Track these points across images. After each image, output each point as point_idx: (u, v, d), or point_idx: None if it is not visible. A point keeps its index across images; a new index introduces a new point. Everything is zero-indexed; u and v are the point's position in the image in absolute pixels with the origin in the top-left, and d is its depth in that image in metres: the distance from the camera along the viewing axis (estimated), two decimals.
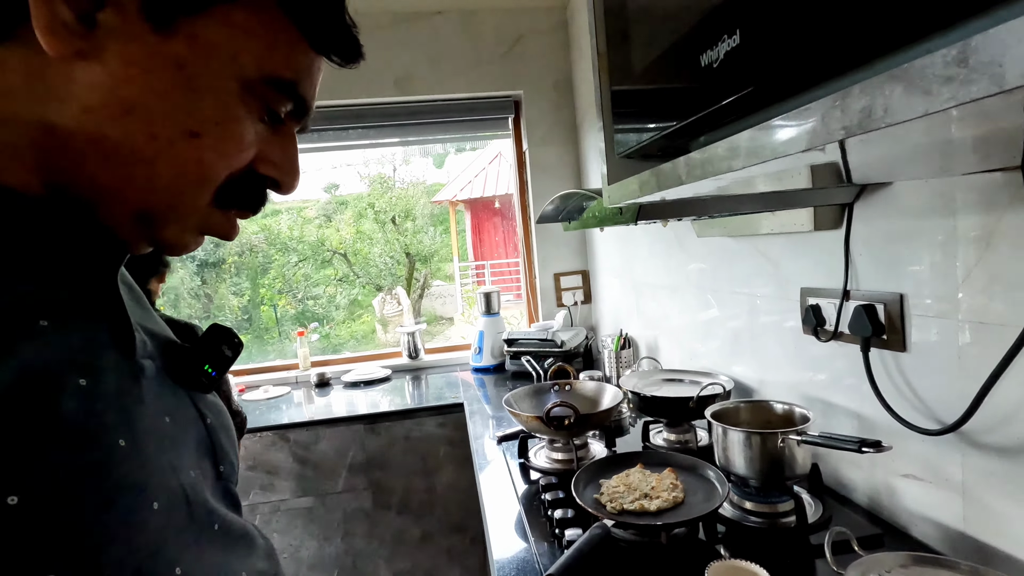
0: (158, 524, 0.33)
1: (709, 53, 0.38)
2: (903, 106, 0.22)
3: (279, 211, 8.88)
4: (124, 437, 0.33)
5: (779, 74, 0.33)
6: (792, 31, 0.31)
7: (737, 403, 1.10)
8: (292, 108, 0.39)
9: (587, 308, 2.66)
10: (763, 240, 1.21)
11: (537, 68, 2.54)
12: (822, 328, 1.03)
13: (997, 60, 0.18)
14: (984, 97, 0.19)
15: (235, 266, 8.34)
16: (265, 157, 0.39)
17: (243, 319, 8.12)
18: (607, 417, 1.26)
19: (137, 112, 0.33)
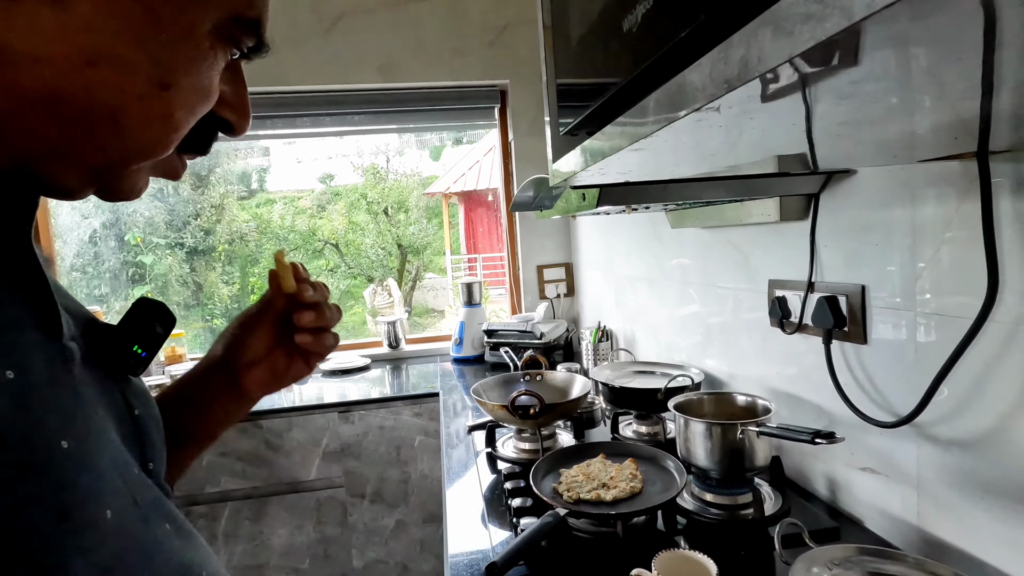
0: (115, 533, 0.30)
1: (629, 18, 0.37)
2: (772, 51, 0.21)
3: (273, 200, 8.82)
4: (66, 438, 0.29)
5: (688, 32, 0.31)
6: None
7: (701, 395, 1.09)
8: (254, 44, 0.37)
9: (569, 301, 2.64)
10: (734, 231, 1.20)
11: (523, 57, 2.51)
12: (788, 320, 1.02)
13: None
14: (836, 33, 0.17)
15: (225, 254, 8.30)
16: (224, 100, 0.37)
17: (233, 308, 8.08)
18: (574, 407, 1.25)
19: (103, 63, 0.29)
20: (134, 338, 0.40)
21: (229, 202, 7.74)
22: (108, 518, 0.30)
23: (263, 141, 8.57)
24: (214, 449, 1.89)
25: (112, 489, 0.32)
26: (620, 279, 1.98)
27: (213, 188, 7.57)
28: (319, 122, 2.52)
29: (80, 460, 0.29)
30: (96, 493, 0.30)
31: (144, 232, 6.47)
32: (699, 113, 0.29)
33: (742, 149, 0.58)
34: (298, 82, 2.37)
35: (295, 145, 10.15)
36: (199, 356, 2.52)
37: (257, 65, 1.57)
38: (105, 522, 0.30)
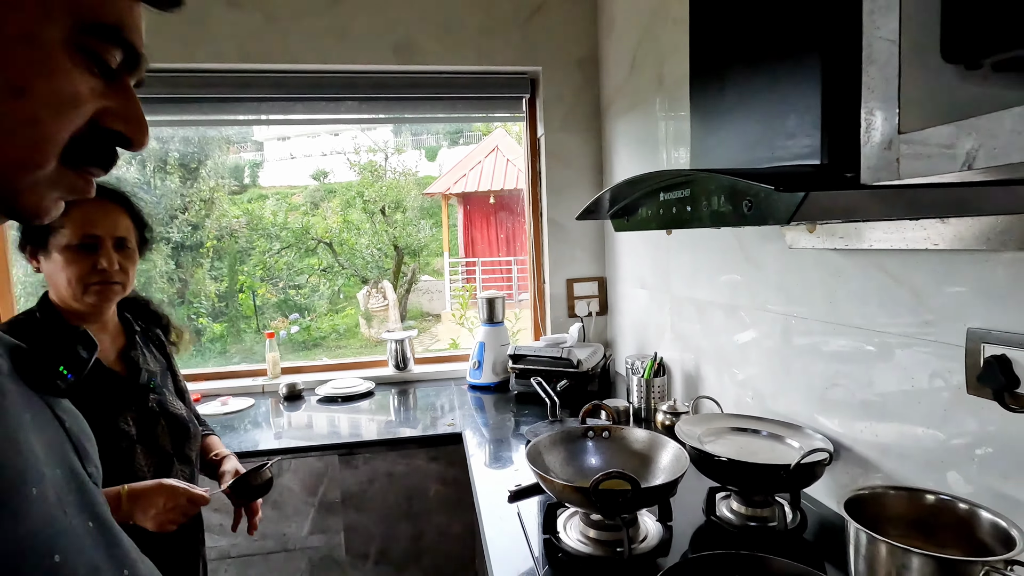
0: (36, 511, 0.34)
1: None
2: None
3: (265, 196, 8.47)
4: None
5: None
6: None
7: (879, 490, 0.77)
8: (123, 58, 0.37)
9: (602, 320, 2.33)
10: (895, 258, 0.89)
11: (558, 42, 2.20)
12: (1013, 391, 0.71)
13: None
14: None
15: (214, 250, 7.91)
16: (108, 112, 0.37)
17: (220, 306, 7.69)
18: (672, 490, 0.92)
19: None
20: (59, 359, 0.44)
21: (219, 196, 7.35)
22: (32, 496, 0.34)
23: (256, 135, 8.18)
24: None
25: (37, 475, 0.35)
26: (680, 301, 1.66)
27: (203, 181, 7.18)
28: (323, 107, 2.19)
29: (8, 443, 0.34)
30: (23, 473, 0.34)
31: None
32: None
33: None
34: (300, 61, 2.04)
35: (289, 141, 9.83)
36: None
37: (253, 39, 1.27)
38: (28, 500, 0.33)
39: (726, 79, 0.86)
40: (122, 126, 0.38)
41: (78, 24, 0.34)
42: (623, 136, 2.04)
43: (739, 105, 0.82)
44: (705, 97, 0.92)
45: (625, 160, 2.04)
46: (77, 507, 0.38)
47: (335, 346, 7.39)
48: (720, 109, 0.88)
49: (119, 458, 0.97)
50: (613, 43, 2.06)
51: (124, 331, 1.12)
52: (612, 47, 2.08)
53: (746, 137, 0.81)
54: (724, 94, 0.86)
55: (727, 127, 0.88)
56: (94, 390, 0.99)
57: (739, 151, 0.83)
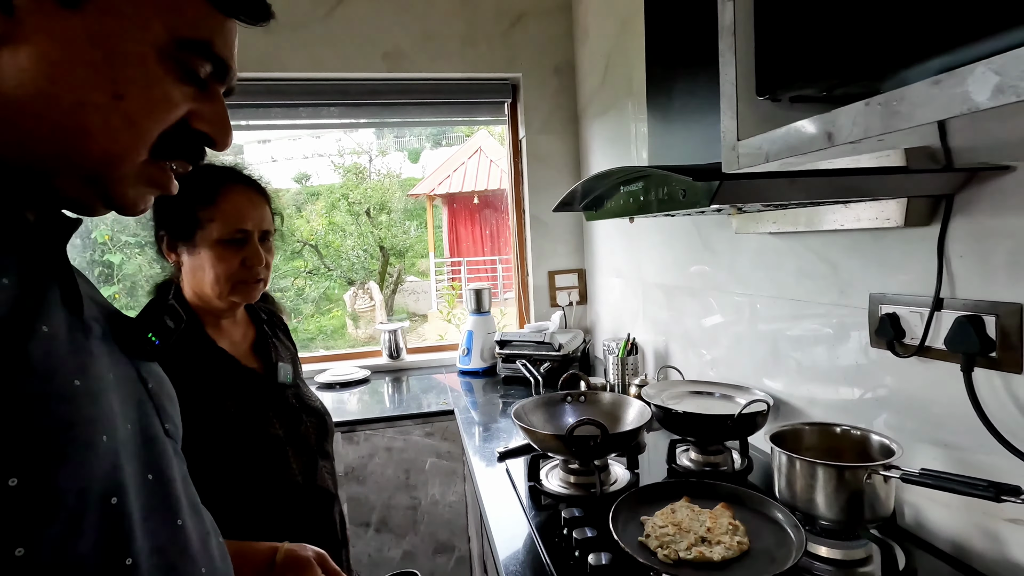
0: (102, 457, 0.36)
1: None
2: None
3: None
4: (79, 378, 0.37)
5: None
6: None
7: (798, 426, 0.95)
8: (212, 69, 0.42)
9: (582, 309, 2.49)
10: (818, 238, 1.06)
11: (537, 50, 2.36)
12: (901, 341, 0.88)
13: None
14: None
15: None
16: (197, 115, 0.42)
17: None
18: (635, 438, 1.09)
19: (62, 84, 0.36)
20: (149, 327, 0.47)
21: None
22: (104, 441, 0.37)
23: (236, 139, 8.26)
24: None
25: (111, 423, 0.38)
26: (649, 287, 1.83)
27: None
28: (318, 113, 2.33)
29: (88, 396, 0.37)
30: (96, 422, 0.37)
31: (112, 230, 6.10)
32: None
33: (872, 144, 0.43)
34: (296, 69, 2.18)
35: (270, 144, 9.82)
36: None
37: (249, 50, 1.42)
38: (100, 444, 0.36)
39: (673, 87, 1.03)
40: (207, 127, 0.43)
41: (174, 39, 0.39)
42: (598, 137, 2.21)
43: (684, 110, 0.99)
44: (658, 103, 1.09)
45: (600, 159, 2.21)
46: (141, 461, 0.41)
47: (323, 347, 7.45)
48: (670, 113, 1.04)
49: (273, 465, 0.91)
50: (587, 52, 2.23)
51: (252, 322, 1.06)
52: (587, 55, 2.25)
53: (694, 137, 0.97)
54: (672, 100, 1.03)
55: (678, 129, 1.05)
56: (239, 394, 0.93)
57: (692, 149, 0.99)
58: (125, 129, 0.38)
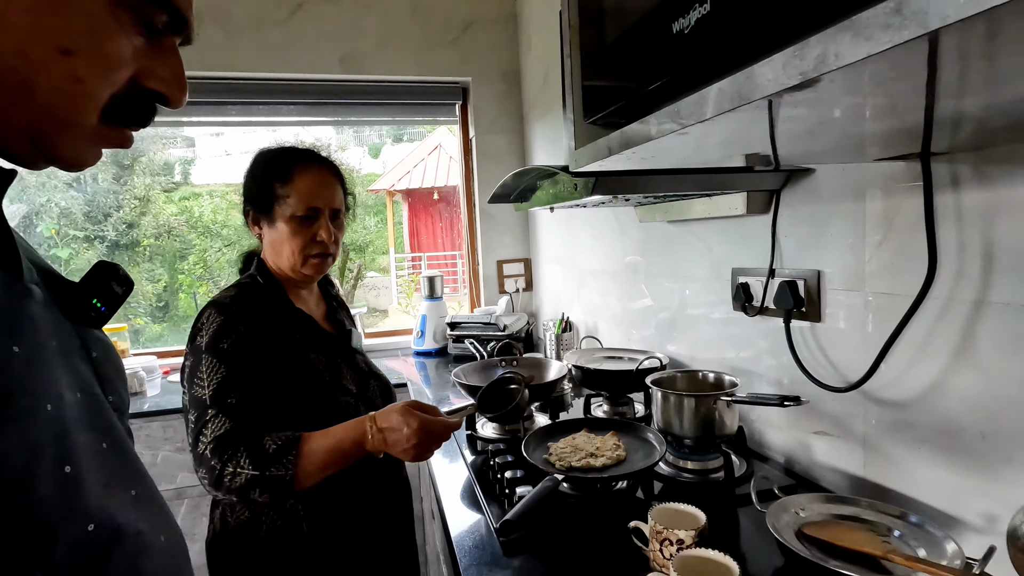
0: (49, 426, 0.35)
1: (681, 20, 0.44)
2: (851, 50, 0.28)
3: (199, 194, 8.35)
4: (17, 344, 0.35)
5: (744, 38, 0.38)
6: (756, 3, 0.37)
7: (674, 373, 1.19)
8: (168, 19, 0.39)
9: (528, 295, 2.72)
10: (699, 225, 1.31)
11: (486, 57, 2.57)
12: (750, 304, 1.14)
13: (923, 9, 0.24)
14: (914, 38, 0.24)
15: (150, 250, 7.77)
16: (149, 72, 0.39)
17: (158, 307, 7.59)
18: (553, 388, 1.32)
19: (4, 33, 0.33)
20: (94, 293, 0.44)
21: (155, 194, 7.26)
22: (47, 411, 0.35)
23: (187, 131, 8.09)
24: (171, 445, 1.82)
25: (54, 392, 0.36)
26: (583, 272, 2.07)
27: (138, 178, 7.07)
28: (277, 111, 2.47)
29: (28, 363, 0.35)
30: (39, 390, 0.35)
31: (59, 224, 5.95)
32: (757, 102, 0.36)
33: (737, 143, 0.67)
34: (256, 69, 2.31)
35: (223, 136, 9.62)
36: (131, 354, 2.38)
37: (212, 50, 1.57)
38: (43, 413, 0.35)
39: None
40: (161, 85, 0.39)
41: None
42: (540, 138, 2.43)
43: None
44: None
45: (543, 157, 2.43)
46: (93, 428, 0.40)
47: None
48: None
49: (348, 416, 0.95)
50: (531, 60, 2.45)
51: (323, 297, 1.17)
52: (530, 64, 2.47)
53: None
54: None
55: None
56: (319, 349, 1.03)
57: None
58: (72, 89, 0.35)
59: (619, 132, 0.56)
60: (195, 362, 0.92)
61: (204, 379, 0.90)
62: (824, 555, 0.73)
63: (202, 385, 0.90)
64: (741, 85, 0.36)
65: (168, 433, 1.82)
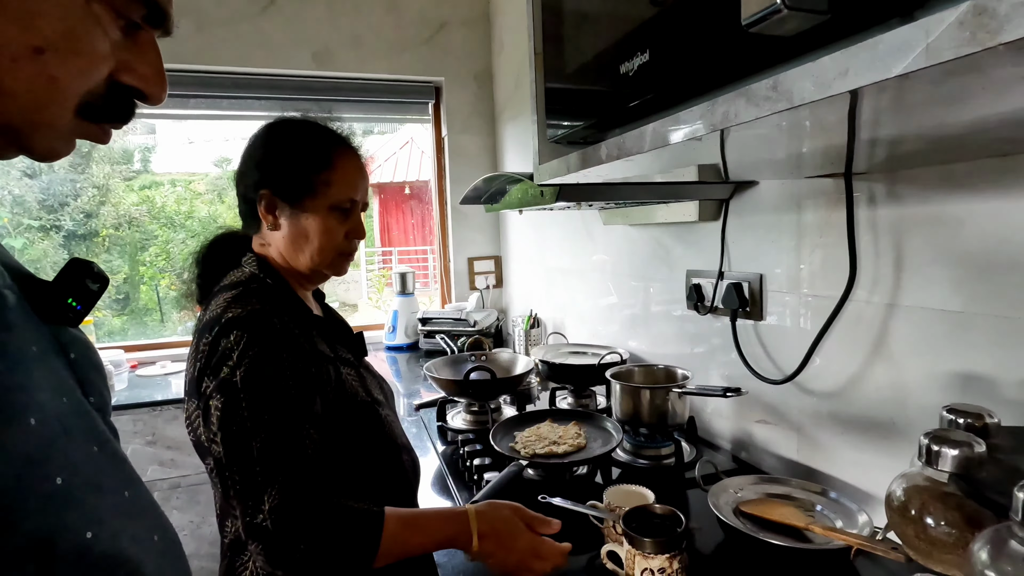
0: (35, 440, 0.34)
1: (626, 64, 0.51)
2: (744, 112, 0.35)
3: (161, 183, 8.12)
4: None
5: (673, 85, 0.46)
6: (684, 57, 0.44)
7: (632, 367, 1.28)
8: (146, 13, 0.38)
9: (498, 292, 2.79)
10: (658, 229, 1.40)
11: (459, 57, 2.61)
12: (702, 304, 1.23)
13: (789, 89, 0.32)
14: (782, 111, 0.32)
15: (109, 240, 7.53)
16: (126, 67, 0.37)
17: (118, 299, 7.37)
18: (520, 381, 1.39)
19: None
20: (68, 292, 0.43)
21: (115, 183, 7.04)
22: (31, 425, 0.34)
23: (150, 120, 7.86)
24: (141, 438, 1.83)
25: (39, 405, 0.35)
26: (551, 271, 2.15)
27: (97, 166, 6.85)
28: (247, 105, 2.47)
29: (8, 375, 0.34)
30: (22, 401, 0.34)
31: (11, 212, 5.74)
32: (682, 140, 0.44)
33: (692, 155, 0.75)
34: (227, 63, 2.31)
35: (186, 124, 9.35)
36: None
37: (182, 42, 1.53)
38: (28, 427, 0.34)
39: None
40: (139, 82, 0.38)
41: None
42: (511, 140, 2.50)
43: None
44: None
45: (514, 159, 2.50)
46: (81, 434, 0.39)
47: None
48: None
49: (366, 412, 0.87)
50: (503, 62, 2.51)
51: (315, 298, 1.04)
52: (502, 66, 2.53)
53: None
54: None
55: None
56: (345, 360, 0.91)
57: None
58: (46, 89, 0.34)
59: (578, 153, 0.63)
60: (229, 403, 0.72)
61: (247, 427, 0.71)
62: (757, 528, 0.82)
63: (245, 435, 0.71)
64: (668, 127, 0.44)
65: (138, 427, 1.83)
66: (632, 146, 0.49)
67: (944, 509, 0.46)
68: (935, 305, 0.77)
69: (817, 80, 0.30)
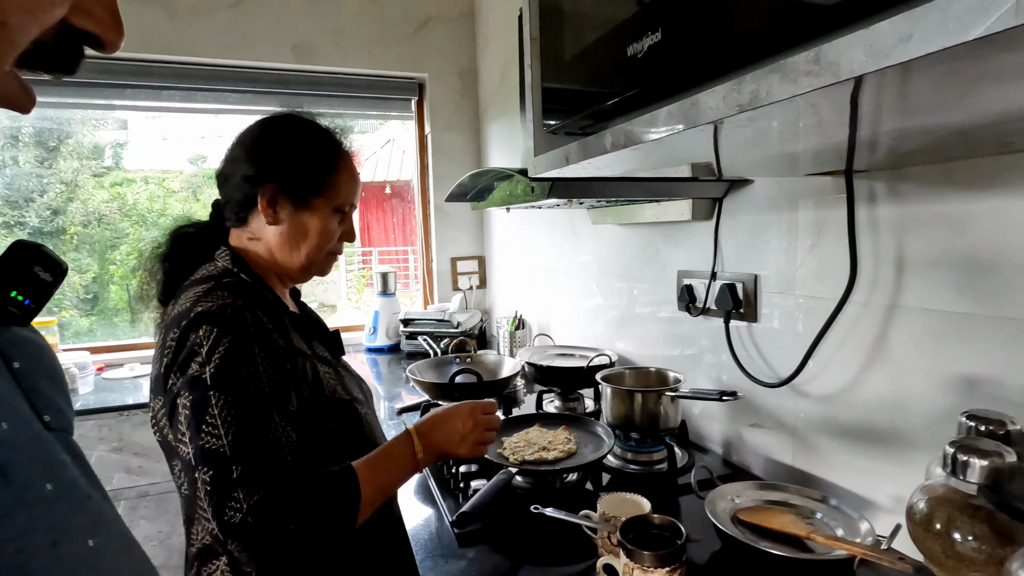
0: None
1: (635, 45, 0.47)
2: (779, 90, 0.32)
3: (133, 180, 7.91)
4: None
5: (691, 67, 0.42)
6: (703, 34, 0.41)
7: (622, 369, 1.25)
8: None
9: (481, 293, 2.75)
10: (648, 228, 1.38)
11: (442, 54, 2.57)
12: (693, 305, 1.20)
13: (836, 61, 0.28)
14: (828, 85, 0.29)
15: (77, 238, 7.29)
16: (80, 9, 0.33)
17: (86, 298, 7.14)
18: (507, 384, 1.35)
19: None
20: (12, 284, 0.37)
21: (84, 179, 6.83)
22: None
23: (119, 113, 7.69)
24: (106, 444, 1.74)
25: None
26: (536, 271, 2.11)
27: (65, 161, 6.63)
28: (223, 98, 2.38)
29: None
30: None
31: None
32: (701, 125, 0.40)
33: (684, 153, 0.72)
34: (202, 54, 2.23)
35: (160, 119, 9.14)
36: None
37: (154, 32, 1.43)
38: None
39: None
40: (92, 24, 0.34)
41: None
42: (496, 137, 2.46)
43: None
44: None
45: (499, 157, 2.46)
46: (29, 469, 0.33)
47: None
48: None
49: (345, 410, 0.85)
50: (487, 59, 2.47)
51: (290, 296, 1.01)
52: (487, 62, 2.49)
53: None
54: None
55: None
56: (323, 358, 0.88)
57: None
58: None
59: (578, 143, 0.59)
60: (198, 401, 0.69)
61: (218, 424, 0.68)
62: (756, 537, 0.79)
63: (216, 433, 0.68)
64: (687, 110, 0.40)
65: (103, 432, 1.74)
66: (642, 130, 0.46)
67: (973, 523, 0.43)
68: (938, 306, 0.75)
69: (872, 49, 0.26)
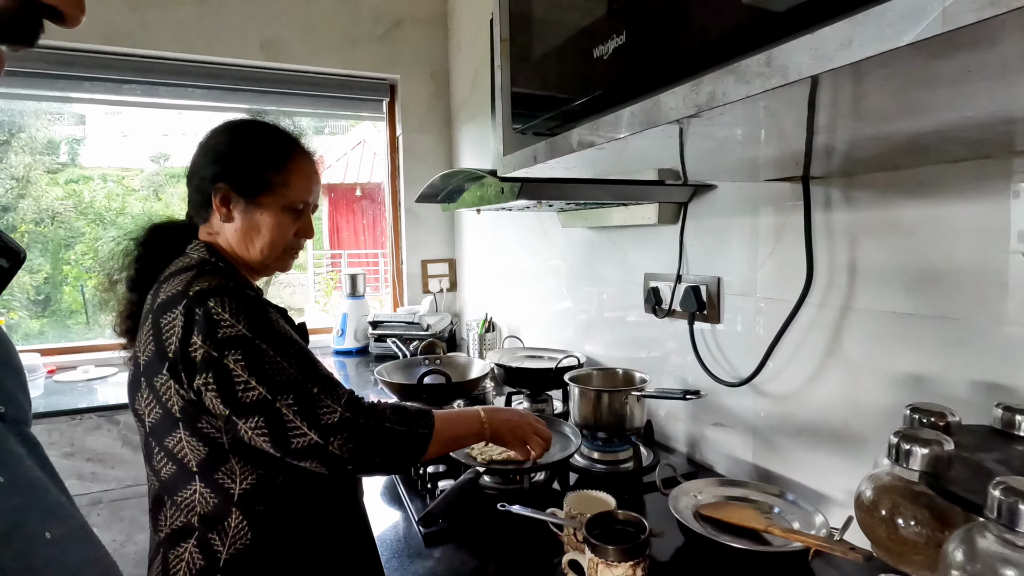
0: None
1: (601, 47, 0.49)
2: (734, 91, 0.33)
3: (90, 177, 7.63)
4: None
5: (651, 68, 0.44)
6: (665, 37, 0.42)
7: (590, 370, 1.26)
8: None
9: (452, 296, 2.74)
10: (616, 232, 1.40)
11: (415, 55, 2.56)
12: (660, 307, 1.23)
13: (785, 64, 0.30)
14: (778, 87, 0.30)
15: (29, 236, 6.97)
16: None
17: (37, 300, 6.82)
18: (476, 385, 1.35)
19: None
20: None
21: (37, 175, 6.55)
22: None
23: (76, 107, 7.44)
24: (57, 450, 1.67)
25: None
26: (507, 274, 2.12)
27: (16, 156, 6.35)
28: (188, 94, 2.32)
29: None
30: None
31: None
32: (665, 125, 0.41)
33: (651, 158, 0.74)
34: (165, 48, 2.17)
35: (121, 115, 8.82)
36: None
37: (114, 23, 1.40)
38: None
39: None
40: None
41: None
42: (467, 140, 2.46)
43: None
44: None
45: (471, 159, 2.46)
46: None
47: None
48: None
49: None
50: (460, 62, 2.48)
51: None
52: (459, 65, 2.49)
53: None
54: None
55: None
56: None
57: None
58: None
59: (545, 142, 0.60)
60: (249, 352, 0.73)
61: (279, 361, 0.74)
62: (717, 531, 0.81)
63: (281, 367, 0.74)
64: (649, 110, 0.41)
65: (54, 437, 1.66)
66: (607, 130, 0.47)
67: (915, 508, 0.45)
68: (888, 308, 0.79)
69: (817, 52, 0.28)
